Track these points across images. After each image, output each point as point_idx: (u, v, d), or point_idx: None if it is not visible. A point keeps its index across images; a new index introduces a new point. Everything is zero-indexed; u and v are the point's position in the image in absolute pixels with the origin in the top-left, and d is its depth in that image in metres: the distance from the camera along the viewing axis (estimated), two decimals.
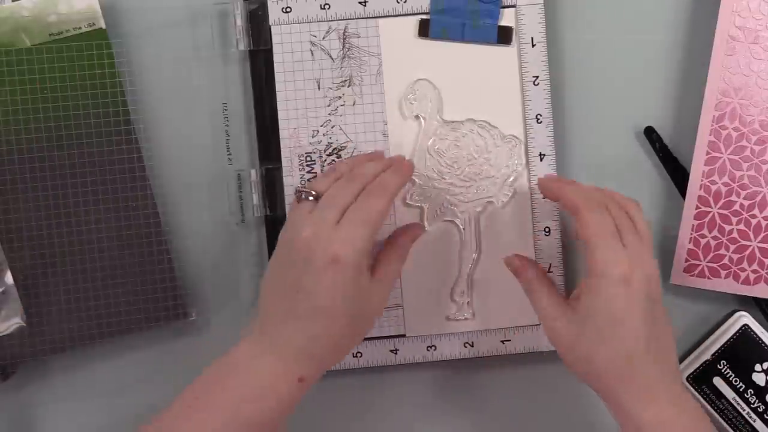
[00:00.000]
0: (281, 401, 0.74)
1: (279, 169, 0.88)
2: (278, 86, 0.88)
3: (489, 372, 0.89)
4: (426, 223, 0.88)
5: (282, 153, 0.88)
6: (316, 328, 0.75)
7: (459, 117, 0.88)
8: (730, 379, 0.87)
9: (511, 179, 0.88)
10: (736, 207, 0.86)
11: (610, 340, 0.74)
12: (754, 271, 0.87)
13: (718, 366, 0.87)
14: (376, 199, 0.76)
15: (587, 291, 0.75)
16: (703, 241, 0.87)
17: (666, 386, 0.75)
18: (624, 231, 0.76)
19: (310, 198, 0.77)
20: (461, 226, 0.88)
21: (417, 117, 0.88)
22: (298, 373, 0.75)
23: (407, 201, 0.88)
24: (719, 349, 0.87)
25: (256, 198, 0.88)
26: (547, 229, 0.88)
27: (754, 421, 0.87)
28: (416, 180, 0.88)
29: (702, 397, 0.87)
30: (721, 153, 0.86)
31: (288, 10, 0.87)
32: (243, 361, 0.76)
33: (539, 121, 0.88)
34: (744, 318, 0.87)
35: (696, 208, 0.87)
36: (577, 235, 0.76)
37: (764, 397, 0.86)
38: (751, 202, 0.86)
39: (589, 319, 0.75)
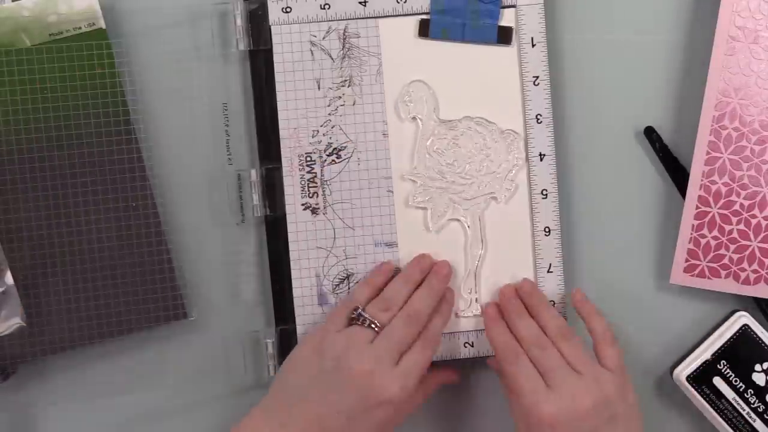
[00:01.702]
0: None
1: (279, 169, 0.88)
2: (278, 86, 0.88)
3: (489, 372, 0.89)
4: (430, 224, 0.88)
5: (282, 153, 0.88)
6: None
7: (459, 117, 0.88)
8: (730, 379, 0.87)
9: (513, 173, 0.88)
10: (736, 207, 0.86)
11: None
12: (754, 271, 0.87)
13: (718, 366, 0.87)
14: (429, 352, 0.82)
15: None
16: (703, 241, 0.87)
17: None
18: (548, 371, 0.80)
19: (374, 328, 0.82)
20: (466, 224, 0.88)
21: (414, 118, 0.88)
22: None
23: (410, 203, 0.88)
24: (719, 349, 0.87)
25: (256, 198, 0.88)
26: (547, 229, 0.88)
27: (754, 421, 0.87)
28: (418, 181, 0.88)
29: (702, 397, 0.87)
30: (721, 153, 0.86)
31: (288, 10, 0.87)
32: None
33: (539, 121, 0.88)
34: (744, 318, 0.87)
35: (696, 208, 0.87)
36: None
37: (764, 397, 0.86)
38: (751, 202, 0.86)
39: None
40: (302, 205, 0.88)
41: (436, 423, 0.91)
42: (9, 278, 0.85)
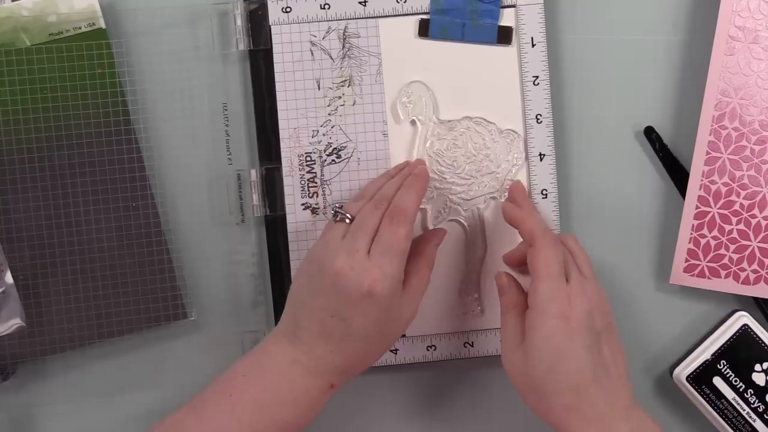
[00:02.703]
0: (312, 405, 0.79)
1: (279, 169, 0.88)
2: (278, 86, 0.88)
3: (489, 372, 0.89)
4: (430, 225, 0.88)
5: (282, 153, 0.88)
6: (350, 350, 0.79)
7: (458, 117, 0.88)
8: (730, 379, 0.87)
9: (513, 173, 0.88)
10: (736, 207, 0.86)
11: (555, 373, 0.76)
12: (754, 271, 0.86)
13: (718, 366, 0.87)
14: (398, 227, 0.78)
15: (529, 326, 0.77)
16: (703, 241, 0.87)
17: (618, 414, 0.76)
18: (569, 267, 0.79)
19: (346, 221, 0.80)
20: (466, 225, 0.88)
21: (413, 122, 0.88)
22: (329, 381, 0.79)
23: None
24: (719, 349, 0.87)
25: (256, 198, 0.88)
26: None
27: (754, 421, 0.87)
28: None
29: (702, 397, 0.87)
30: (721, 153, 0.86)
31: (288, 10, 0.87)
32: (279, 366, 0.79)
33: (539, 121, 0.88)
34: (744, 318, 0.87)
35: (696, 208, 0.87)
36: (528, 263, 0.79)
37: (764, 397, 0.86)
38: (751, 202, 0.86)
39: (533, 352, 0.76)
40: (302, 205, 0.88)
41: (436, 423, 0.91)
42: (9, 278, 0.85)
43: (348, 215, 0.80)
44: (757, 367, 0.87)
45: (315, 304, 0.78)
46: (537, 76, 0.88)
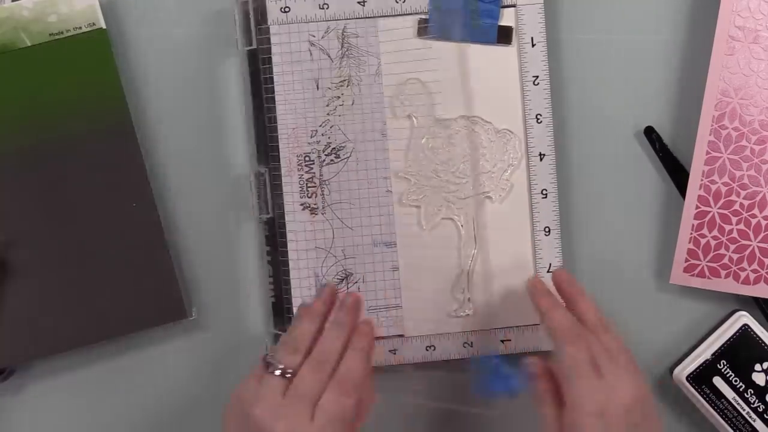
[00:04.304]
0: None
1: (277, 169, 0.88)
2: (277, 86, 0.88)
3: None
4: (423, 222, 0.88)
5: (280, 153, 0.88)
6: None
7: (456, 116, 0.88)
8: (730, 379, 0.87)
9: (508, 173, 0.88)
10: (736, 207, 0.86)
11: None
12: (754, 271, 0.86)
13: (718, 366, 0.87)
14: (347, 398, 0.75)
15: (566, 423, 0.76)
16: (703, 241, 0.87)
17: None
18: (601, 360, 0.77)
19: (286, 375, 0.75)
20: (459, 224, 0.88)
21: (409, 117, 0.88)
22: None
23: (403, 201, 0.88)
24: (719, 349, 0.87)
25: (254, 198, 0.88)
26: (547, 229, 0.88)
27: (754, 421, 0.86)
28: (411, 179, 0.88)
29: (702, 397, 0.87)
30: (721, 153, 0.86)
31: (287, 9, 0.88)
32: None
33: (539, 120, 0.88)
34: (744, 318, 0.87)
35: (696, 208, 0.87)
36: (556, 361, 0.78)
37: (764, 397, 0.86)
38: (751, 202, 0.86)
39: None
40: (301, 205, 0.88)
41: (435, 423, 0.91)
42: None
43: (288, 370, 0.75)
44: (757, 367, 0.87)
45: None
46: (537, 76, 0.88)
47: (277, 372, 0.75)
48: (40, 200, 0.86)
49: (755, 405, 0.86)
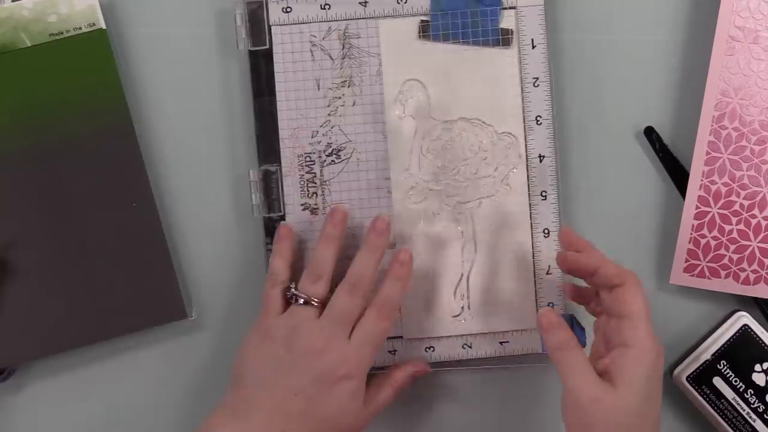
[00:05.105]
0: None
1: (278, 169, 0.88)
2: (278, 86, 0.88)
3: (487, 373, 0.89)
4: (422, 224, 0.88)
5: (282, 153, 0.88)
6: (303, 430, 0.79)
7: (457, 118, 0.88)
8: (730, 379, 0.87)
9: (509, 178, 0.88)
10: (736, 207, 0.86)
11: (644, 413, 0.75)
12: (754, 271, 0.87)
13: (718, 366, 0.87)
14: (385, 321, 0.81)
15: (627, 364, 0.75)
16: (703, 241, 0.87)
17: None
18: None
19: (313, 304, 0.81)
20: (459, 227, 0.88)
21: (409, 118, 0.88)
22: None
23: (404, 203, 0.88)
24: (719, 349, 0.87)
25: (255, 198, 0.88)
26: (546, 231, 0.88)
27: (754, 421, 0.87)
28: (412, 181, 0.88)
29: (702, 397, 0.87)
30: (721, 153, 0.86)
31: (288, 10, 0.87)
32: None
33: (539, 122, 0.88)
34: (744, 318, 0.87)
35: (696, 208, 0.87)
36: (610, 307, 0.77)
37: (764, 397, 0.86)
38: (751, 202, 0.86)
39: (630, 391, 0.74)
40: (301, 205, 0.88)
41: (435, 423, 0.91)
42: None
43: (313, 300, 0.81)
44: (757, 367, 0.87)
45: (280, 382, 0.79)
46: (537, 78, 0.88)
47: (301, 301, 0.81)
48: (40, 200, 0.86)
49: (755, 405, 0.86)
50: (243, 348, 0.82)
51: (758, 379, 0.87)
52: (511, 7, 0.88)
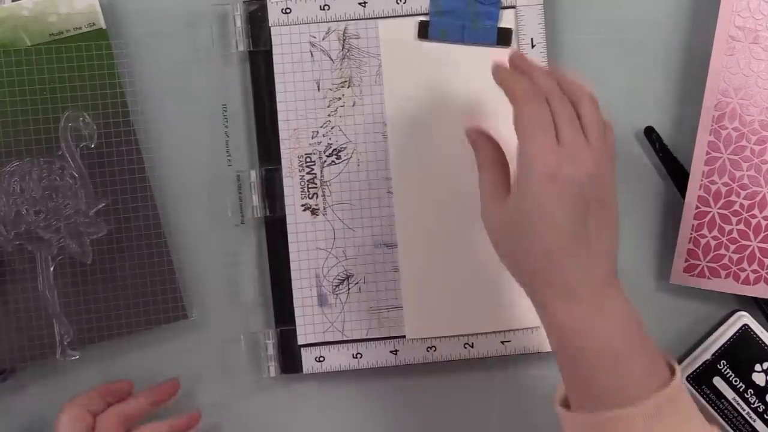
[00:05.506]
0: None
1: (279, 170, 0.88)
2: (278, 87, 0.88)
3: (489, 372, 0.89)
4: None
5: (282, 154, 0.88)
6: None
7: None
8: (730, 379, 0.87)
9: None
10: (736, 207, 0.86)
11: (531, 235, 0.72)
12: (754, 271, 0.87)
13: (718, 366, 0.87)
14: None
15: (515, 185, 0.73)
16: (703, 241, 0.87)
17: (592, 289, 0.72)
18: (563, 126, 0.73)
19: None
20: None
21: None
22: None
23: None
24: (719, 349, 0.87)
25: (255, 199, 0.88)
26: None
27: (754, 421, 0.87)
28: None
29: (702, 397, 0.87)
30: (721, 153, 0.86)
31: (288, 11, 0.87)
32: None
33: None
34: (744, 318, 0.87)
35: (696, 208, 0.87)
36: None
37: (764, 397, 0.86)
38: (751, 202, 0.86)
39: (515, 212, 0.73)
40: (302, 206, 0.88)
41: (436, 423, 0.91)
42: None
43: None
44: (757, 367, 0.87)
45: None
46: None
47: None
48: (40, 200, 0.86)
49: (755, 405, 0.87)
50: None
51: (758, 379, 0.87)
52: (510, 7, 0.88)
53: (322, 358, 0.88)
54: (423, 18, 0.88)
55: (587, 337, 0.72)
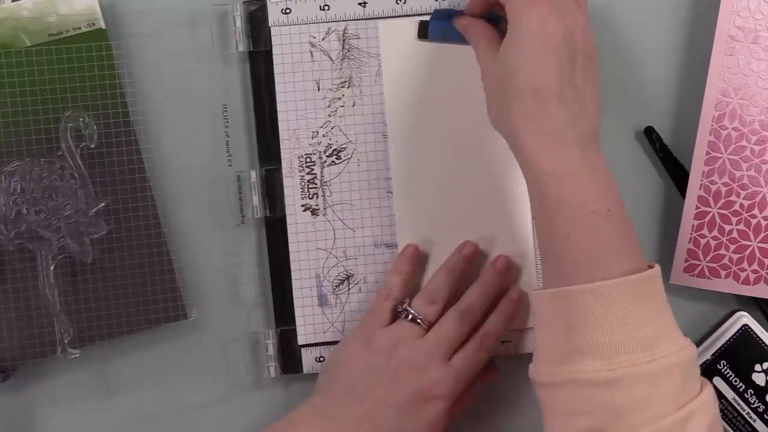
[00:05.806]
0: None
1: (279, 170, 0.88)
2: (278, 87, 0.88)
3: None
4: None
5: (282, 154, 0.88)
6: None
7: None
8: (730, 379, 0.87)
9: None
10: (736, 207, 0.86)
11: (521, 74, 0.74)
12: (754, 271, 0.87)
13: (718, 366, 0.87)
14: (486, 353, 0.84)
15: (507, 35, 0.75)
16: (703, 241, 0.87)
17: (574, 138, 0.74)
18: None
19: (420, 323, 0.83)
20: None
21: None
22: None
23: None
24: (719, 349, 0.87)
25: (255, 199, 0.88)
26: None
27: (754, 421, 0.87)
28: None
29: None
30: (721, 153, 0.86)
31: (287, 11, 0.87)
32: None
33: None
34: (744, 318, 0.87)
35: (696, 208, 0.87)
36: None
37: (764, 397, 0.86)
38: (751, 202, 0.86)
39: (507, 56, 0.75)
40: (302, 206, 0.88)
41: None
42: None
43: (422, 318, 0.83)
44: (757, 367, 0.87)
45: (373, 392, 0.80)
46: None
47: (409, 317, 0.83)
48: (40, 200, 0.86)
49: (755, 405, 0.87)
50: (339, 352, 0.84)
51: (758, 379, 0.87)
52: None
53: (322, 358, 0.88)
54: (423, 18, 0.87)
55: (568, 188, 0.73)
